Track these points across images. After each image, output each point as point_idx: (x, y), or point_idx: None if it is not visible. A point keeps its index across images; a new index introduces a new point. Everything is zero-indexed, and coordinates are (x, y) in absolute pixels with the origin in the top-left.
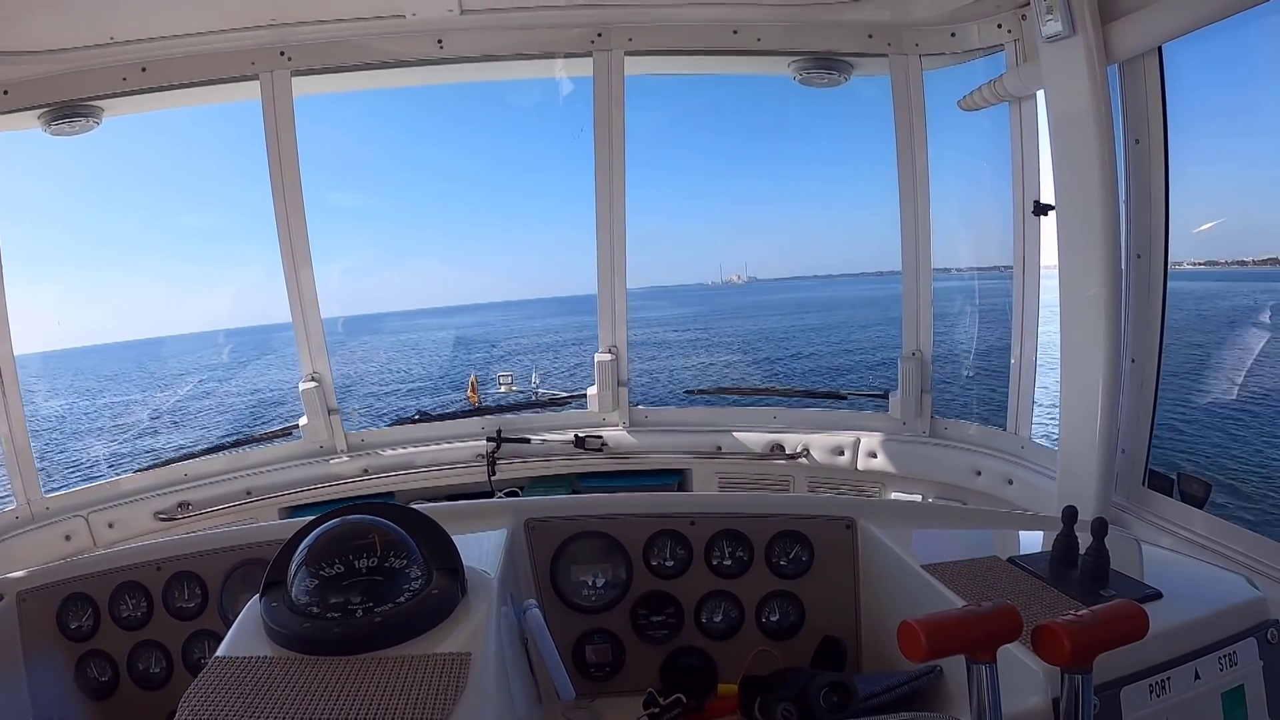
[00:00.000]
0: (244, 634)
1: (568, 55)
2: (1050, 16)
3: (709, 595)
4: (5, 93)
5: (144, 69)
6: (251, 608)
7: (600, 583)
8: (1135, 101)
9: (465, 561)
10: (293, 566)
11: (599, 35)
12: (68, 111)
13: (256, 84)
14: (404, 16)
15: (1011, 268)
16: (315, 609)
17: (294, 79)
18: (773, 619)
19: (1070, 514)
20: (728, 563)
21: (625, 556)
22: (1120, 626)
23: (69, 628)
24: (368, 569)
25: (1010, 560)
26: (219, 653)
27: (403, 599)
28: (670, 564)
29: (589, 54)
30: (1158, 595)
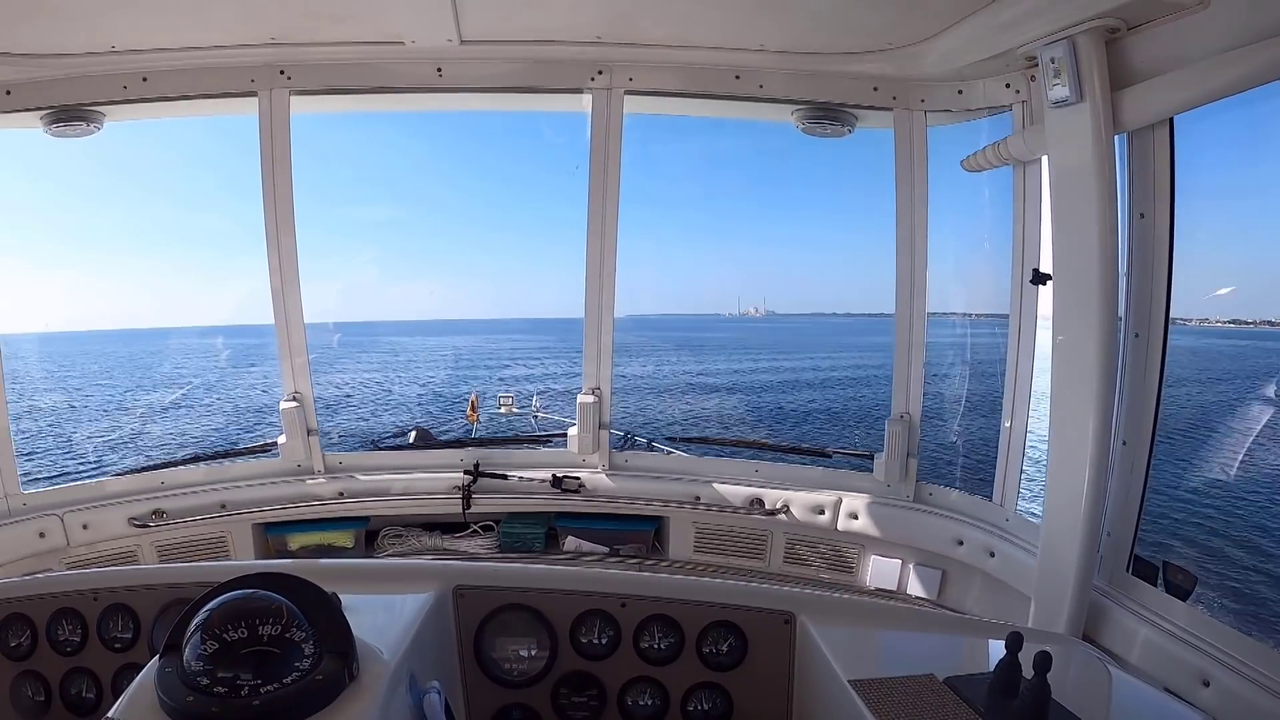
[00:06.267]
0: (136, 698)
1: (567, 90)
2: (1057, 81)
3: (635, 680)
4: (8, 93)
5: (145, 79)
6: (149, 670)
7: (525, 657)
8: (1142, 174)
9: (376, 629)
10: (189, 630)
11: (599, 73)
12: (68, 115)
13: (255, 100)
14: (404, 44)
15: (1007, 321)
16: (204, 680)
17: (293, 97)
18: (699, 709)
19: (1015, 640)
20: (658, 648)
21: (552, 633)
22: None
23: (8, 645)
24: (269, 638)
25: (948, 681)
26: (110, 714)
27: (289, 679)
28: (598, 644)
29: (589, 90)
30: None
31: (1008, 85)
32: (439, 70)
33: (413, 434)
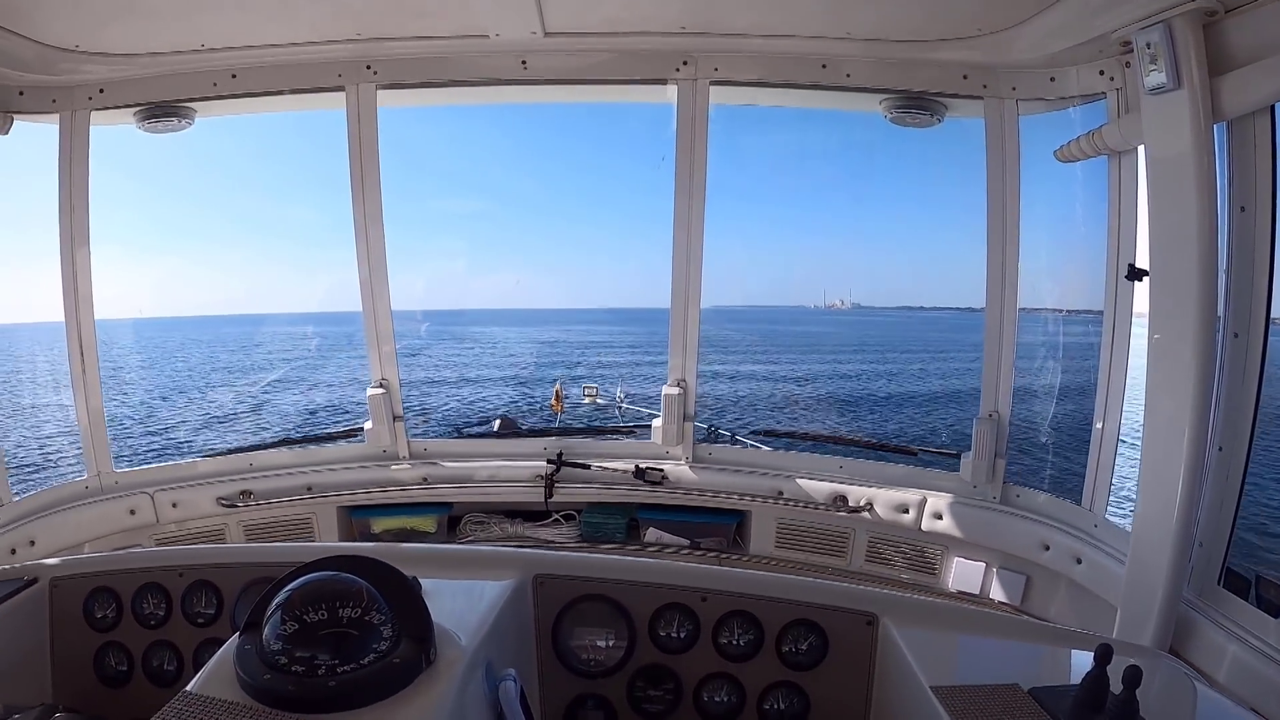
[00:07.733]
0: (216, 673)
1: (652, 81)
2: (1154, 67)
3: (712, 676)
4: (101, 91)
5: (234, 75)
6: (229, 646)
7: (603, 648)
8: (1242, 165)
9: (455, 615)
10: (270, 609)
11: (684, 63)
12: (160, 112)
13: (342, 94)
14: (488, 37)
15: (1100, 316)
16: (282, 659)
17: (379, 91)
18: (775, 708)
19: (1104, 652)
20: (737, 644)
21: (631, 624)
22: None
23: (94, 617)
24: (349, 620)
25: (1032, 692)
26: (188, 688)
27: (366, 661)
28: (677, 638)
29: (673, 81)
30: None
31: (1101, 72)
32: (523, 62)
33: (497, 422)
